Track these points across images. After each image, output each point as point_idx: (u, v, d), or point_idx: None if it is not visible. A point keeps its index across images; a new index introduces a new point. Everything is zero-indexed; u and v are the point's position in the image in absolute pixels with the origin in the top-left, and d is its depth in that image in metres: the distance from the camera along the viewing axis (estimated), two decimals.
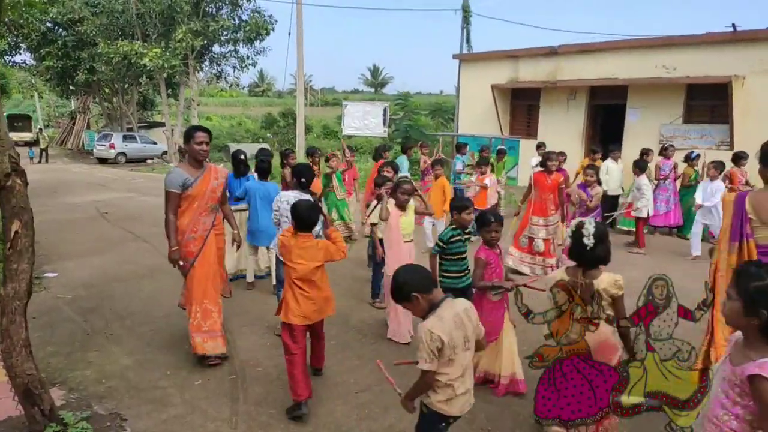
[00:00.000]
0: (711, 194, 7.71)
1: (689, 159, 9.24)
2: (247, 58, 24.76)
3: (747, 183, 8.52)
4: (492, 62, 16.80)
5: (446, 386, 2.40)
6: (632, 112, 13.84)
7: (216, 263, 4.29)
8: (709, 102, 12.62)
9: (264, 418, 3.55)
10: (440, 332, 2.29)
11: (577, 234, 2.86)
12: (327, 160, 8.56)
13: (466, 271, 4.26)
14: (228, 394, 3.84)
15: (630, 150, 11.61)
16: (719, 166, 7.94)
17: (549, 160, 7.17)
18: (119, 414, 3.54)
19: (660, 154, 9.61)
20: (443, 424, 2.52)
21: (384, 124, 17.92)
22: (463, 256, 4.26)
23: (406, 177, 6.89)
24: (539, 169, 7.83)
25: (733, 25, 12.19)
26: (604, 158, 9.93)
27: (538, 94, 15.71)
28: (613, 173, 9.40)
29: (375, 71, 76.15)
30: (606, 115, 15.02)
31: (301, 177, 4.75)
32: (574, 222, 2.97)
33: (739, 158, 8.59)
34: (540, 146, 10.88)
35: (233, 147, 18.17)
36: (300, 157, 18.20)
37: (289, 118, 31.26)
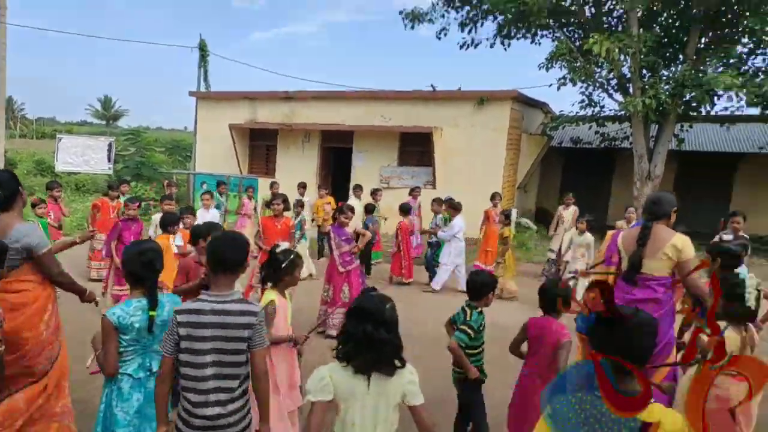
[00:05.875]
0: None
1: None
2: None
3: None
4: (230, 102, 16.83)
5: None
6: (357, 155, 15.32)
7: None
8: (417, 148, 14.72)
9: None
10: None
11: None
12: (33, 206, 7.35)
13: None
14: None
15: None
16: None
17: (274, 203, 6.84)
18: None
19: (410, 194, 10.63)
20: None
21: (109, 160, 16.28)
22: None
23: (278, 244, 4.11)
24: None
25: (432, 85, 14.60)
26: (335, 195, 10.85)
27: (276, 135, 16.25)
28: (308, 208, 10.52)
29: (107, 103, 69.02)
30: (338, 156, 16.31)
31: None
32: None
33: (493, 198, 9.89)
34: (356, 188, 11.11)
35: None
36: None
37: None
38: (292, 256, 3.52)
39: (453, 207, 9.14)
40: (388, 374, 2.26)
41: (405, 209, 9.44)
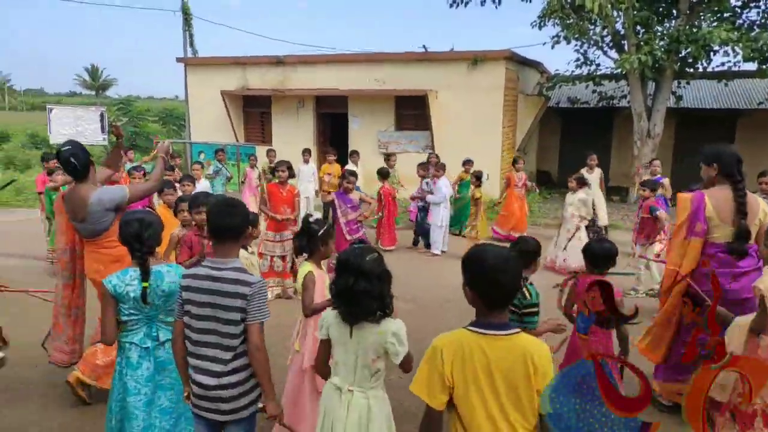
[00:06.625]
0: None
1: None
2: None
3: (524, 185, 9.71)
4: (220, 68, 16.55)
5: None
6: (354, 120, 15.19)
7: None
8: (413, 112, 14.55)
9: None
10: None
11: None
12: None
13: None
14: None
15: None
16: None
17: (278, 170, 6.64)
18: None
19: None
20: None
21: (103, 131, 16.09)
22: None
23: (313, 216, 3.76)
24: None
25: (424, 46, 14.41)
26: (339, 161, 10.72)
27: (269, 102, 16.06)
28: (303, 174, 10.61)
29: (94, 72, 67.79)
30: (333, 122, 16.16)
31: None
32: None
33: (516, 162, 9.90)
34: (353, 154, 10.76)
35: None
36: None
37: None
38: (326, 226, 3.37)
39: (440, 169, 9.16)
40: (373, 322, 2.37)
41: (384, 173, 9.26)
